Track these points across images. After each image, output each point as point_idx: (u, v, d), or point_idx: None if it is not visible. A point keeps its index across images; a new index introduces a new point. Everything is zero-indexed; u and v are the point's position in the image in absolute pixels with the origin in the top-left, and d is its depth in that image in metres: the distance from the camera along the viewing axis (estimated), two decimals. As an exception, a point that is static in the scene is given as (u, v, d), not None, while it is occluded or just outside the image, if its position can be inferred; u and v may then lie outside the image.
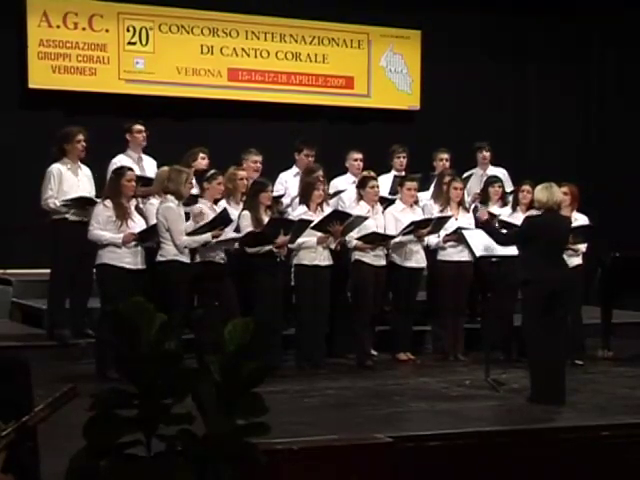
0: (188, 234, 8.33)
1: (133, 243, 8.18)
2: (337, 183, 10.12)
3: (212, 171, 8.75)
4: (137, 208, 8.56)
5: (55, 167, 8.85)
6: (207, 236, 8.35)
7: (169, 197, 8.35)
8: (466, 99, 12.93)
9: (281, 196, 9.61)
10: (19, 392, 3.30)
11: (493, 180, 10.06)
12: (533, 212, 9.14)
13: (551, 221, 7.80)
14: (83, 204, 8.70)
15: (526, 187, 9.54)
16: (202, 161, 9.38)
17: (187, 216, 8.51)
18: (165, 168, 8.85)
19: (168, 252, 8.28)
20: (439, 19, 12.65)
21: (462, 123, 12.57)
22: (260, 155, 9.64)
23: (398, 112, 12.76)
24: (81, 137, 8.90)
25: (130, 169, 8.51)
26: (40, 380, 3.85)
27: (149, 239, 8.35)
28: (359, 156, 10.21)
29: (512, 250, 8.37)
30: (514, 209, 9.60)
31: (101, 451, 2.52)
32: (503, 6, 12.92)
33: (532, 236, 7.70)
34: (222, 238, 8.42)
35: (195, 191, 8.81)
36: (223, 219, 8.41)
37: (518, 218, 9.13)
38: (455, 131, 12.26)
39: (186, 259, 8.34)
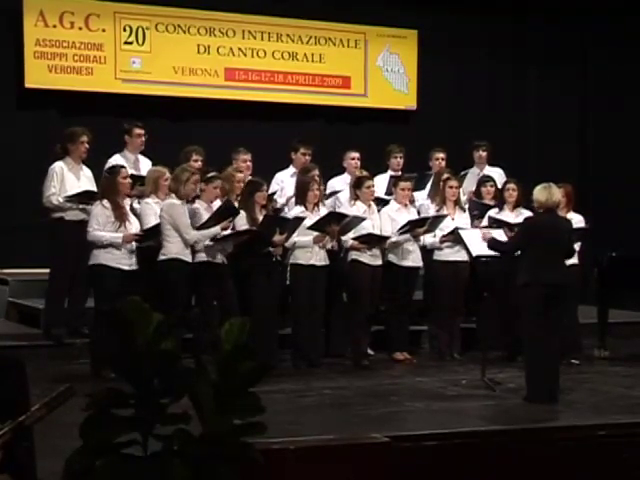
0: (196, 229, 8.34)
1: (132, 243, 8.20)
2: (334, 183, 10.14)
3: (211, 174, 8.72)
4: (131, 208, 8.57)
5: (58, 165, 8.88)
6: (216, 229, 8.35)
7: (172, 195, 8.36)
8: (463, 99, 12.95)
9: (274, 193, 9.61)
10: (15, 392, 3.30)
11: (485, 179, 10.13)
12: (522, 210, 9.21)
13: (550, 222, 7.81)
14: (88, 199, 8.68)
15: (511, 185, 9.62)
16: (195, 163, 9.32)
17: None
18: (154, 167, 8.85)
19: (170, 250, 8.27)
20: (436, 19, 12.67)
21: (459, 123, 12.58)
22: (249, 154, 9.66)
23: (395, 112, 12.76)
24: (85, 138, 8.95)
25: (122, 167, 8.53)
26: (36, 380, 3.85)
27: (150, 239, 8.35)
28: (356, 155, 10.22)
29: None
30: (501, 208, 9.62)
31: (97, 451, 2.52)
32: (501, 5, 12.92)
33: (533, 238, 7.71)
34: (223, 233, 8.42)
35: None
36: (228, 209, 8.42)
37: (505, 216, 9.20)
38: (452, 131, 12.27)
39: (187, 258, 8.34)
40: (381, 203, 9.62)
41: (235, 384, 2.57)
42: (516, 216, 9.22)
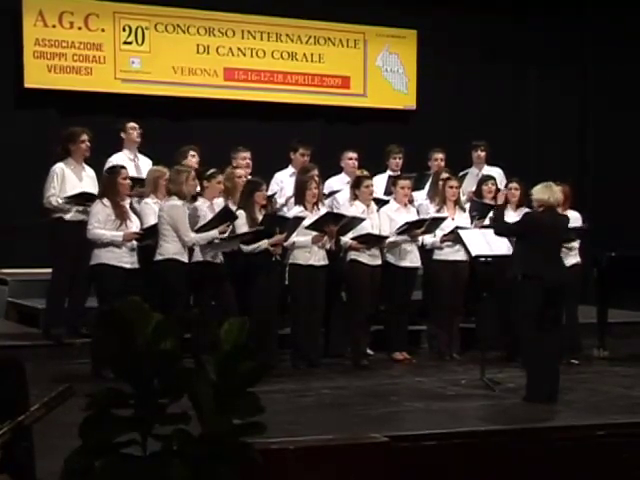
0: (195, 231, 8.34)
1: (132, 242, 8.19)
2: (332, 183, 10.13)
3: (212, 170, 8.73)
4: (131, 207, 8.57)
5: (59, 166, 8.89)
6: (214, 232, 8.35)
7: (173, 197, 8.35)
8: (462, 99, 12.94)
9: (274, 194, 9.62)
10: (14, 392, 3.30)
11: (486, 178, 10.13)
12: (525, 210, 9.21)
13: (551, 219, 7.85)
14: (85, 200, 8.68)
15: (514, 185, 9.64)
16: (192, 159, 9.38)
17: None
18: (155, 167, 8.86)
19: (167, 251, 8.27)
20: (435, 19, 12.66)
21: (458, 123, 12.58)
22: (248, 152, 9.67)
23: (394, 112, 12.77)
24: (85, 137, 8.97)
25: (123, 167, 8.54)
26: (36, 379, 3.85)
27: (149, 238, 8.35)
28: (354, 155, 10.23)
29: (507, 249, 8.42)
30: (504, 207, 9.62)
31: (97, 451, 2.52)
32: (501, 5, 12.92)
33: (531, 231, 7.74)
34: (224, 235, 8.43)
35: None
36: (226, 215, 8.42)
37: (508, 216, 9.20)
38: (451, 131, 12.27)
39: (184, 258, 8.34)
40: (380, 203, 9.62)
41: (235, 384, 2.57)
42: (518, 216, 9.22)
